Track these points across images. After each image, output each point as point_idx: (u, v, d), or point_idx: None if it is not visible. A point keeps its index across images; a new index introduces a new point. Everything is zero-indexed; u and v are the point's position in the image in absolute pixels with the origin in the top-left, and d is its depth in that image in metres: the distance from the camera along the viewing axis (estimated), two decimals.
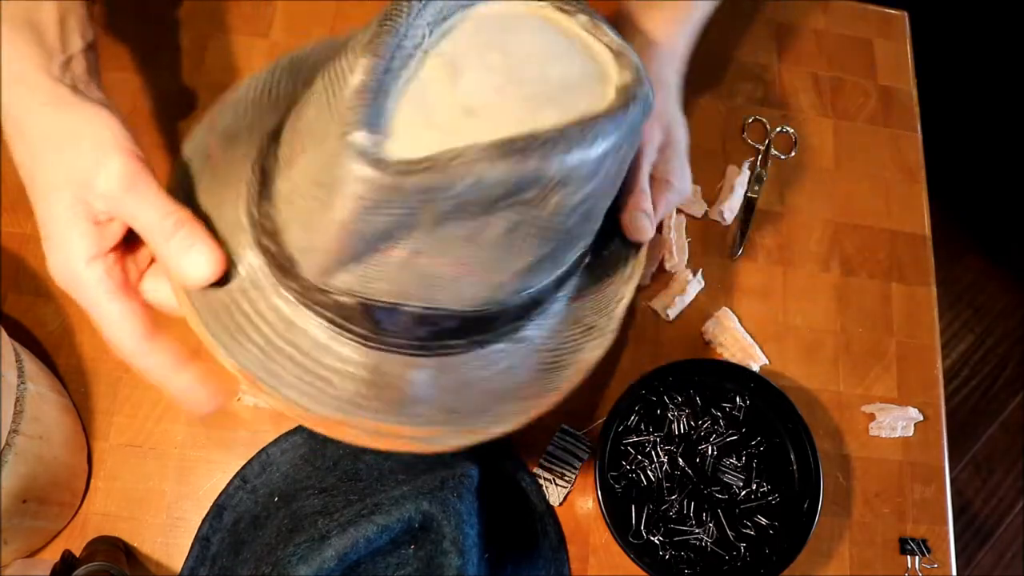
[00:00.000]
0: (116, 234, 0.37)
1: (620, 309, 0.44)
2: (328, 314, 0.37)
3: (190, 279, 0.37)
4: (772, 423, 0.58)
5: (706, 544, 0.56)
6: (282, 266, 0.37)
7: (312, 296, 0.37)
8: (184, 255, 0.36)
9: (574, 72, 0.36)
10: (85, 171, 0.36)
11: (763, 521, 0.56)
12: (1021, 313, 1.61)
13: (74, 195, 0.36)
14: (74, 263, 0.36)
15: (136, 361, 0.38)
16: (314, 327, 0.38)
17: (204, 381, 0.39)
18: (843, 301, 0.67)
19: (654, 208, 0.46)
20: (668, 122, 0.50)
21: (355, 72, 0.32)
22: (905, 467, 0.63)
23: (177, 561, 0.54)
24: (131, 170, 0.36)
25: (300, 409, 0.37)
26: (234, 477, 0.55)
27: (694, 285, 0.64)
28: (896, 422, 0.63)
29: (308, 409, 0.37)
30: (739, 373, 0.59)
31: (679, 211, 0.66)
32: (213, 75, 0.66)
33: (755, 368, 0.62)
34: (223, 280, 0.38)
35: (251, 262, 0.38)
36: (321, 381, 0.37)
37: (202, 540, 0.53)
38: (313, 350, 0.38)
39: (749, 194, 0.68)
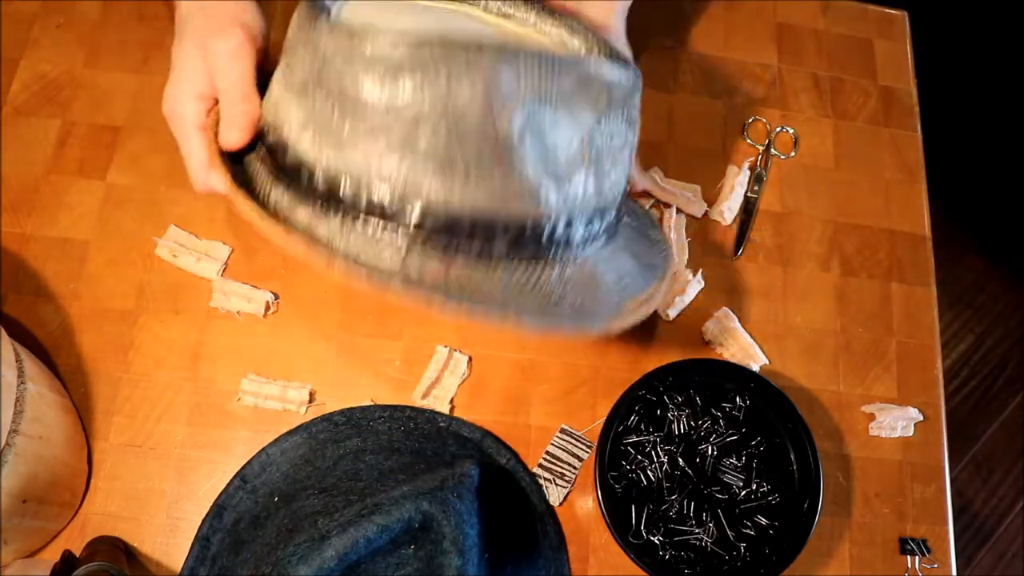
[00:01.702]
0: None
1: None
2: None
3: (223, 136, 0.46)
4: (772, 423, 0.58)
5: (706, 544, 0.56)
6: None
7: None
8: (228, 121, 0.46)
9: None
10: (210, 33, 0.46)
11: (763, 521, 0.56)
12: (1021, 313, 1.62)
13: (199, 48, 0.46)
14: (184, 95, 0.47)
15: (196, 180, 0.48)
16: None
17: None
18: (843, 301, 0.67)
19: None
20: None
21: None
22: (905, 467, 0.63)
23: (177, 561, 0.54)
24: (239, 45, 0.46)
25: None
26: (234, 477, 0.55)
27: (694, 285, 0.64)
28: (896, 422, 0.63)
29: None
30: (739, 373, 0.59)
31: (679, 211, 0.67)
32: None
33: (755, 368, 0.62)
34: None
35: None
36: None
37: (202, 540, 0.53)
38: None
39: (749, 194, 0.68)
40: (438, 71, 0.37)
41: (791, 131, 0.71)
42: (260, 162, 0.47)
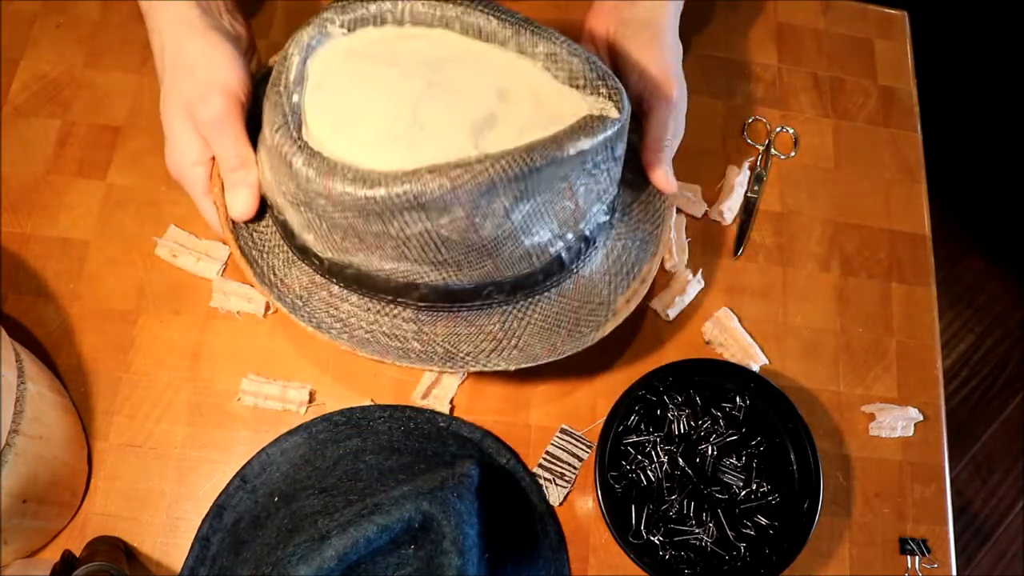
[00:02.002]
0: None
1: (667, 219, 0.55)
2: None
3: (230, 210, 0.47)
4: (772, 423, 0.58)
5: (706, 544, 0.56)
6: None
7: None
8: (231, 189, 0.47)
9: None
10: (193, 99, 0.45)
11: (763, 521, 0.56)
12: (1021, 313, 1.61)
13: (186, 114, 0.46)
14: (184, 163, 0.48)
15: (217, 232, 0.49)
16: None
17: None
18: (843, 301, 0.67)
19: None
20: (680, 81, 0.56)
21: None
22: (905, 467, 0.63)
23: (177, 561, 0.54)
24: (224, 110, 0.45)
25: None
26: (234, 477, 0.55)
27: (694, 285, 0.64)
28: (896, 422, 0.63)
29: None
30: (739, 373, 0.59)
31: (679, 211, 0.67)
32: None
33: (755, 368, 0.62)
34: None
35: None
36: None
37: (202, 540, 0.53)
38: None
39: (749, 194, 0.68)
40: (419, 212, 0.39)
41: (791, 131, 0.71)
42: (275, 224, 0.49)
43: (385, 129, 0.41)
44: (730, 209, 0.67)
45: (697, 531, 0.56)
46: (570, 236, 0.46)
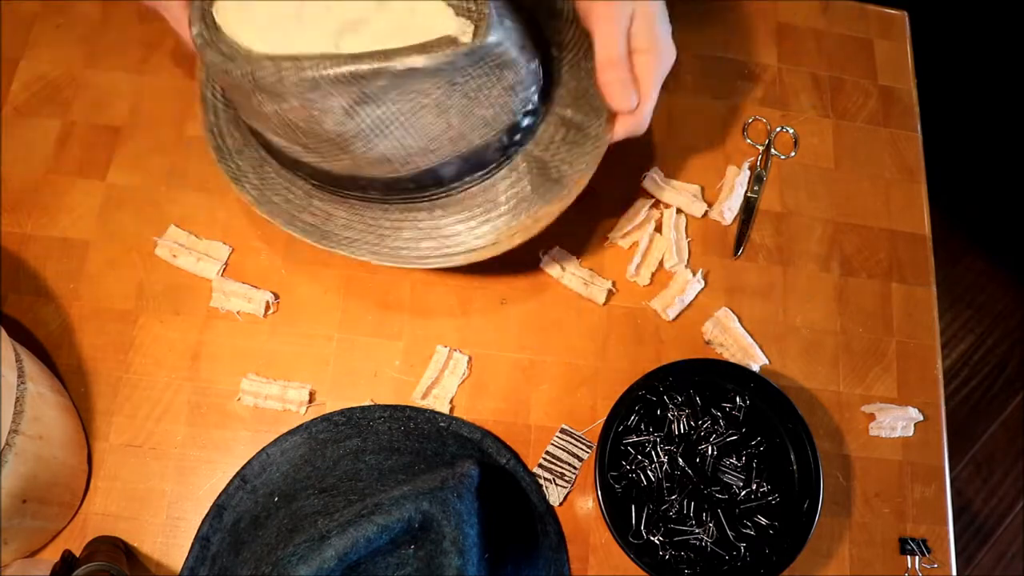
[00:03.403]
0: None
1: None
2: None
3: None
4: (772, 423, 0.58)
5: (706, 544, 0.56)
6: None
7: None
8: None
9: None
10: None
11: (763, 521, 0.56)
12: (1021, 313, 1.61)
13: None
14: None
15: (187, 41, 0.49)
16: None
17: None
18: (843, 301, 0.67)
19: (637, 77, 0.49)
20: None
21: None
22: (905, 467, 0.63)
23: (177, 561, 0.54)
24: None
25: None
26: (234, 477, 0.55)
27: (694, 285, 0.64)
28: (896, 422, 0.63)
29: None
30: (739, 373, 0.59)
31: (679, 211, 0.67)
32: None
33: (755, 368, 0.62)
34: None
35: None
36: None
37: (202, 540, 0.53)
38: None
39: (749, 194, 0.68)
40: (262, 94, 0.44)
41: (791, 131, 0.71)
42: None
43: (271, 18, 0.44)
44: (730, 209, 0.67)
45: (697, 531, 0.56)
46: (445, 154, 0.48)
